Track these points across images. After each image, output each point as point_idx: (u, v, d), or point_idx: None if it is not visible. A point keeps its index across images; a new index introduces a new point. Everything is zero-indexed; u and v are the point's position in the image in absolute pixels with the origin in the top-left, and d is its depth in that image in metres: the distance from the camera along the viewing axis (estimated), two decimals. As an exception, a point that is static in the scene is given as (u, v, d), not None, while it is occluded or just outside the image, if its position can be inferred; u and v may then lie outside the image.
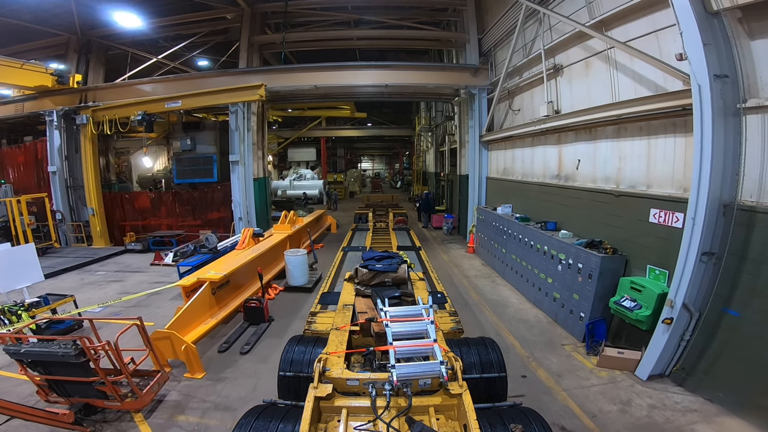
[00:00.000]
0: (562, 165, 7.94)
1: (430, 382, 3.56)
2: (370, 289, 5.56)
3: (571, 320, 6.67)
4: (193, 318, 6.23)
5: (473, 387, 3.66)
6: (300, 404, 3.37)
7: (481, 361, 4.21)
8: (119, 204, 14.60)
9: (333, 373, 3.60)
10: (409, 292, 5.51)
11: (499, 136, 11.12)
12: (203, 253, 9.38)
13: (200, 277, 6.64)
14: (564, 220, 7.65)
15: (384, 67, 12.70)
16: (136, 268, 11.84)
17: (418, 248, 10.59)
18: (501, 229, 9.83)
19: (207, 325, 6.40)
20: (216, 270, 6.98)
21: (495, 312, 8.03)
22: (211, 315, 6.69)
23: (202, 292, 6.35)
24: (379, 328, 4.30)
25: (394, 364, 3.46)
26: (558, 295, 7.08)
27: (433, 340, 3.81)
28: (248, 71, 12.93)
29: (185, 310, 5.97)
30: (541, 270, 7.70)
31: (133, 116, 12.24)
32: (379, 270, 5.61)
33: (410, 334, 3.99)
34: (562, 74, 8.19)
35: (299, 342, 4.55)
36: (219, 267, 7.27)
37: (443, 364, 3.44)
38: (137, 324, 4.55)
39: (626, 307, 5.50)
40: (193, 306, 6.14)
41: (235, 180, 12.35)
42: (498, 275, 10.19)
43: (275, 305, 8.46)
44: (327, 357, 3.82)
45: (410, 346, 3.77)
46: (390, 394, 3.33)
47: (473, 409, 3.12)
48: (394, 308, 4.46)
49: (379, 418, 3.19)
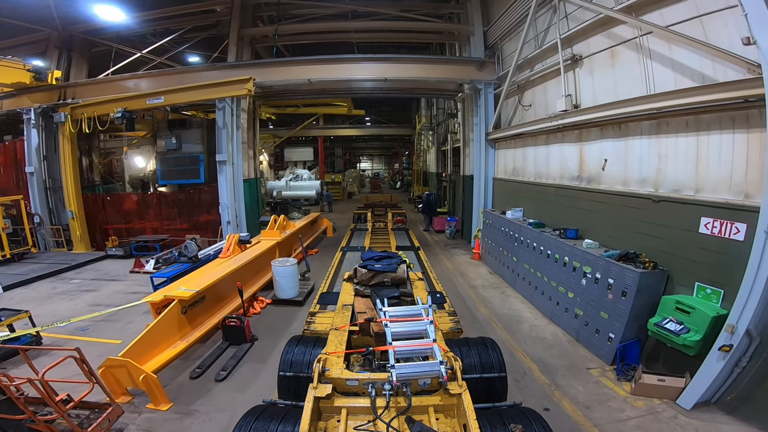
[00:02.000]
0: (583, 165, 7.07)
1: (429, 382, 3.57)
2: (369, 289, 5.51)
3: (596, 340, 5.87)
4: (158, 341, 5.37)
5: (473, 387, 3.67)
6: (300, 404, 3.36)
7: (481, 361, 4.20)
8: (101, 206, 13.69)
9: (332, 373, 3.59)
10: (409, 292, 5.47)
11: (508, 134, 10.25)
12: (182, 262, 8.49)
13: (168, 294, 5.76)
14: (587, 227, 6.79)
15: (383, 59, 11.82)
16: (114, 275, 10.97)
17: (417, 248, 10.43)
18: (511, 235, 8.96)
19: (175, 349, 5.53)
20: (188, 285, 6.10)
21: (507, 329, 7.18)
22: (181, 336, 5.81)
23: (168, 312, 5.50)
24: (379, 328, 4.27)
25: (393, 364, 3.44)
26: (581, 312, 6.25)
27: (433, 340, 3.81)
28: (237, 65, 12.06)
29: (146, 333, 5.12)
30: (559, 283, 6.84)
31: (113, 113, 11.36)
32: (378, 270, 5.56)
33: (409, 334, 4.00)
34: (582, 65, 7.35)
35: (299, 342, 4.53)
36: (192, 281, 6.39)
37: (443, 364, 3.44)
38: (74, 357, 3.89)
39: (670, 331, 4.69)
40: (157, 328, 5.29)
41: (222, 181, 11.47)
42: (508, 285, 9.32)
43: (261, 320, 7.60)
44: (326, 357, 3.81)
45: (409, 346, 3.77)
46: (389, 394, 3.33)
47: (473, 409, 3.11)
48: (393, 308, 4.45)
49: (378, 418, 3.22)
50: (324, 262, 11.17)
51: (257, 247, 8.61)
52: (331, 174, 33.16)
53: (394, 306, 4.61)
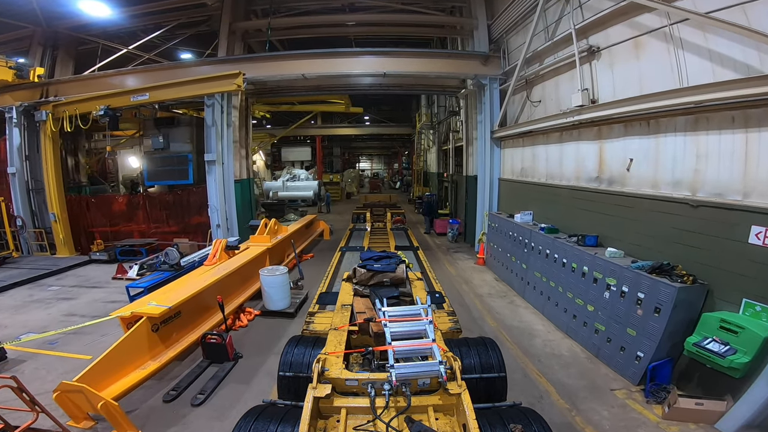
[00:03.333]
0: (604, 165, 6.42)
1: (429, 382, 3.55)
2: (368, 289, 5.46)
3: (621, 358, 5.29)
4: (124, 362, 4.75)
5: (473, 387, 3.66)
6: (299, 404, 3.34)
7: (481, 361, 4.17)
8: (85, 209, 13.02)
9: (332, 374, 3.58)
10: (408, 292, 5.44)
11: (516, 132, 9.60)
12: (163, 270, 7.84)
13: (136, 310, 5.10)
14: (608, 234, 6.15)
15: (382, 53, 11.17)
16: (95, 282, 10.33)
17: (416, 248, 10.40)
18: (520, 241, 8.32)
19: (145, 371, 4.89)
20: (161, 299, 5.44)
21: (519, 344, 6.56)
22: (152, 356, 5.17)
23: (135, 331, 4.86)
24: (378, 328, 4.24)
25: (393, 364, 3.43)
26: (602, 327, 5.64)
27: (432, 340, 3.79)
28: (227, 60, 11.41)
29: (108, 354, 4.49)
30: (577, 294, 6.21)
31: (95, 111, 10.71)
32: (377, 270, 5.51)
33: (409, 334, 3.97)
34: (600, 57, 6.73)
35: (298, 342, 4.50)
36: (168, 294, 5.73)
37: (442, 363, 3.44)
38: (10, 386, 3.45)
39: (713, 352, 4.13)
40: (121, 349, 4.67)
41: (211, 182, 10.81)
42: (516, 294, 8.68)
43: (247, 335, 6.96)
44: (326, 357, 3.78)
45: (409, 346, 3.76)
46: (389, 393, 3.33)
47: (472, 409, 3.10)
48: (392, 308, 4.42)
49: (378, 417, 3.22)
50: (319, 268, 10.52)
51: (245, 254, 7.94)
52: (330, 174, 32.46)
53: (393, 306, 4.58)
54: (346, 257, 9.43)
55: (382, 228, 14.40)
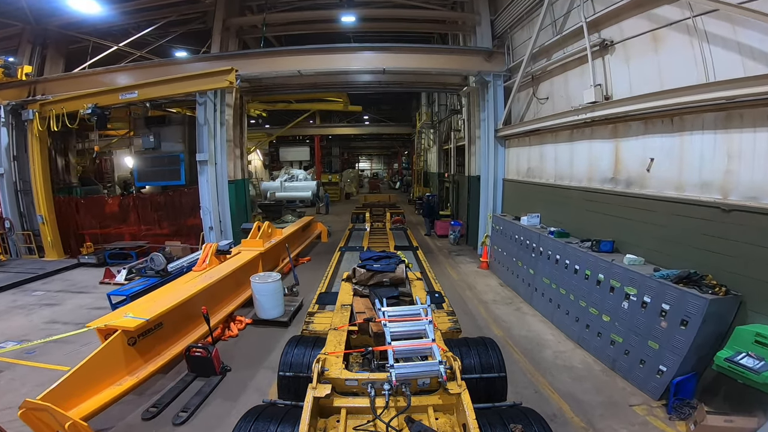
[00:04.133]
0: (620, 165, 5.99)
1: (428, 382, 3.55)
2: (368, 289, 5.45)
3: (640, 372, 4.92)
4: (96, 379, 4.34)
5: (473, 387, 3.66)
6: (300, 404, 3.33)
7: (481, 361, 4.16)
8: (74, 210, 12.58)
9: (332, 374, 3.57)
10: (407, 292, 5.43)
11: (522, 130, 9.18)
12: (149, 276, 7.41)
13: (110, 323, 4.69)
14: (625, 239, 5.72)
15: (381, 49, 10.74)
16: (82, 287, 9.91)
17: (415, 248, 10.39)
18: (527, 245, 7.90)
19: (121, 387, 4.49)
20: (140, 310, 5.01)
21: (528, 356, 6.14)
22: (130, 371, 4.76)
23: (108, 345, 4.47)
24: (378, 328, 4.25)
25: (392, 364, 3.43)
26: (619, 339, 5.24)
27: (432, 340, 3.79)
28: (220, 56, 10.96)
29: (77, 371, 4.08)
30: (590, 303, 5.80)
31: (83, 110, 10.28)
32: (377, 270, 5.49)
33: (408, 334, 3.96)
34: (614, 52, 6.33)
35: (298, 342, 4.50)
36: (148, 304, 5.31)
37: (442, 363, 3.43)
38: None
39: (747, 368, 3.75)
40: (93, 364, 4.26)
41: (203, 183, 10.38)
42: (522, 300, 8.26)
43: (237, 345, 6.55)
44: (325, 357, 3.79)
45: (409, 346, 3.75)
46: (389, 393, 3.32)
47: (472, 409, 3.10)
48: (392, 308, 4.40)
49: (378, 417, 3.22)
50: (317, 273, 10.12)
51: (236, 260, 7.50)
52: (328, 174, 32.01)
53: (392, 306, 4.56)
54: (345, 257, 9.39)
55: (381, 228, 14.32)
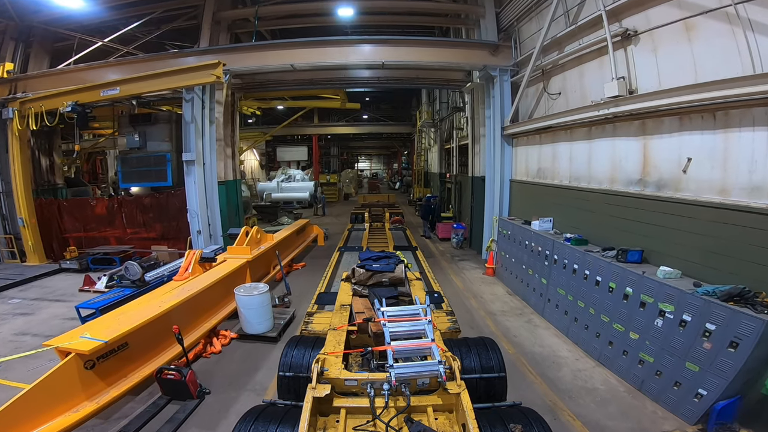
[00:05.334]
0: (649, 165, 5.34)
1: (428, 382, 3.53)
2: (367, 289, 5.44)
3: (673, 394, 4.39)
4: (48, 405, 3.80)
5: (473, 387, 3.68)
6: (299, 404, 3.30)
7: (481, 361, 4.13)
8: (56, 213, 11.93)
9: (331, 374, 3.55)
10: (407, 292, 5.41)
11: (532, 128, 8.52)
12: (124, 286, 6.78)
13: (62, 345, 4.11)
14: (656, 248, 5.09)
15: (380, 41, 10.09)
16: (60, 294, 9.30)
17: (414, 248, 10.35)
18: (539, 252, 7.26)
19: (77, 414, 3.95)
20: (98, 330, 4.40)
21: (544, 376, 5.53)
22: (89, 396, 4.18)
23: (61, 369, 3.92)
24: (377, 328, 4.26)
25: (392, 364, 3.41)
26: (650, 359, 4.67)
27: (431, 340, 3.76)
28: (208, 50, 10.30)
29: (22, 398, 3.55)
30: (614, 319, 5.20)
31: (62, 107, 9.64)
32: (376, 270, 5.48)
33: (408, 334, 3.95)
34: (638, 42, 5.73)
35: (298, 343, 4.48)
36: (110, 322, 4.72)
37: (441, 363, 3.42)
38: None
39: None
40: (42, 390, 3.71)
41: (190, 184, 9.73)
42: (534, 312, 7.63)
43: (220, 363, 5.92)
44: (325, 357, 3.77)
45: (408, 346, 3.73)
46: (388, 393, 3.30)
47: (471, 409, 3.07)
48: (391, 308, 4.39)
49: (377, 417, 3.22)
50: (312, 280, 9.50)
51: (221, 268, 6.85)
52: (326, 174, 31.34)
53: (392, 306, 4.55)
54: (344, 257, 9.32)
55: (380, 228, 14.24)
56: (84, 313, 6.12)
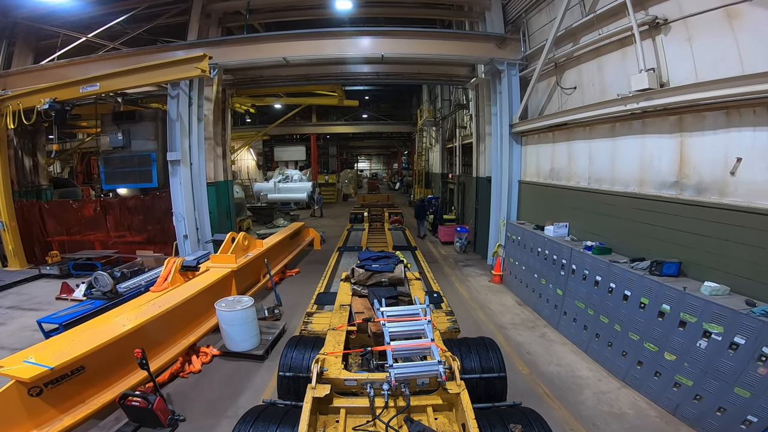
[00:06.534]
0: (686, 166, 4.68)
1: (428, 382, 3.53)
2: (366, 290, 5.45)
3: (715, 420, 3.89)
4: None
5: (473, 387, 3.68)
6: (299, 404, 3.30)
7: (481, 361, 4.12)
8: (38, 215, 11.29)
9: (331, 374, 3.53)
10: (406, 292, 5.41)
11: (544, 125, 7.88)
12: (94, 297, 6.14)
13: (3, 371, 3.55)
14: (696, 260, 4.45)
15: (379, 33, 9.45)
16: (37, 302, 8.67)
17: (413, 248, 10.32)
18: (554, 260, 6.62)
19: None
20: (46, 353, 3.82)
21: (564, 400, 4.96)
22: (36, 425, 3.66)
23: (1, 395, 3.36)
24: (377, 328, 4.25)
25: (392, 364, 3.41)
26: (689, 382, 4.10)
27: (431, 340, 3.75)
28: (194, 44, 9.65)
29: None
30: (646, 337, 4.63)
31: (39, 105, 9.02)
32: (375, 270, 5.48)
33: (408, 334, 3.94)
34: (669, 31, 5.13)
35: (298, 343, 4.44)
36: (65, 342, 4.13)
37: (441, 363, 3.41)
38: None
39: None
40: None
41: (176, 185, 9.09)
42: (547, 324, 7.00)
43: (199, 384, 5.29)
44: (325, 357, 3.76)
45: (408, 346, 3.73)
46: (388, 394, 3.30)
47: (471, 408, 3.07)
48: (390, 308, 4.35)
49: (377, 418, 3.23)
50: (306, 287, 8.87)
51: (203, 279, 6.18)
52: (325, 175, 30.67)
53: (391, 306, 4.55)
54: (344, 257, 9.30)
55: (379, 228, 14.25)
56: (47, 328, 5.49)
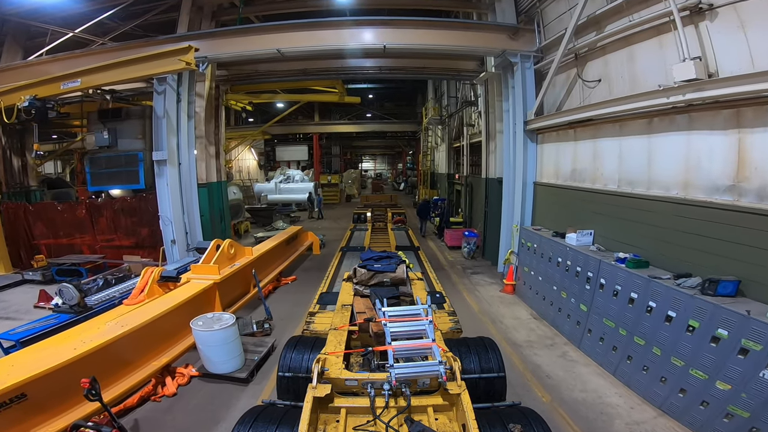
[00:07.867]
0: (746, 167, 3.91)
1: (428, 382, 3.53)
2: (368, 289, 5.41)
3: None
4: None
5: (473, 387, 3.64)
6: (299, 404, 3.29)
7: (481, 361, 4.13)
8: (23, 217, 10.74)
9: (332, 374, 3.52)
10: (408, 292, 5.39)
11: (565, 120, 7.11)
12: (60, 311, 5.53)
13: None
14: (760, 279, 3.70)
15: (381, 23, 8.75)
16: (14, 310, 8.14)
17: (416, 248, 10.39)
18: (577, 272, 5.89)
19: None
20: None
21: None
22: None
23: None
24: (378, 328, 4.22)
25: (392, 364, 3.42)
26: (745, 414, 3.50)
27: (432, 340, 3.75)
28: (185, 36, 8.95)
29: None
30: (694, 364, 3.98)
31: (19, 102, 8.44)
32: (377, 270, 5.46)
33: (409, 334, 3.94)
34: (715, 17, 4.41)
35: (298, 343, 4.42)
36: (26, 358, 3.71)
37: (442, 363, 3.40)
38: None
39: None
40: None
41: (162, 186, 8.46)
42: (567, 342, 6.28)
43: (173, 410, 4.69)
44: (326, 357, 3.73)
45: (409, 346, 3.73)
46: (389, 394, 3.33)
47: (472, 409, 3.06)
48: (392, 308, 4.35)
49: (378, 418, 3.24)
50: (302, 296, 8.24)
51: (182, 292, 5.49)
52: (328, 175, 30.00)
53: (393, 306, 4.51)
54: (346, 257, 9.40)
55: (382, 228, 14.23)
56: (6, 345, 4.88)
